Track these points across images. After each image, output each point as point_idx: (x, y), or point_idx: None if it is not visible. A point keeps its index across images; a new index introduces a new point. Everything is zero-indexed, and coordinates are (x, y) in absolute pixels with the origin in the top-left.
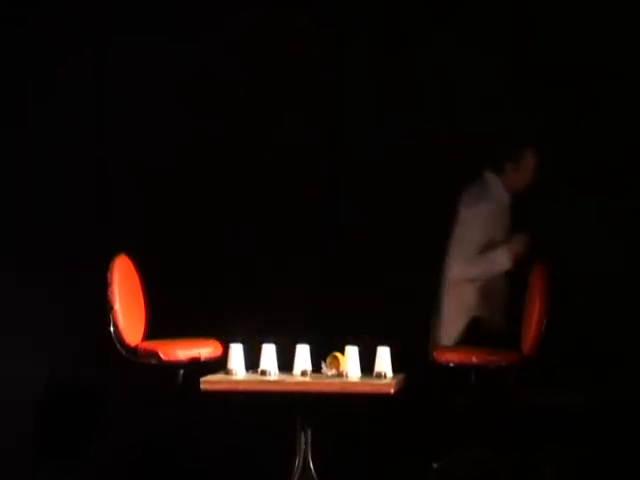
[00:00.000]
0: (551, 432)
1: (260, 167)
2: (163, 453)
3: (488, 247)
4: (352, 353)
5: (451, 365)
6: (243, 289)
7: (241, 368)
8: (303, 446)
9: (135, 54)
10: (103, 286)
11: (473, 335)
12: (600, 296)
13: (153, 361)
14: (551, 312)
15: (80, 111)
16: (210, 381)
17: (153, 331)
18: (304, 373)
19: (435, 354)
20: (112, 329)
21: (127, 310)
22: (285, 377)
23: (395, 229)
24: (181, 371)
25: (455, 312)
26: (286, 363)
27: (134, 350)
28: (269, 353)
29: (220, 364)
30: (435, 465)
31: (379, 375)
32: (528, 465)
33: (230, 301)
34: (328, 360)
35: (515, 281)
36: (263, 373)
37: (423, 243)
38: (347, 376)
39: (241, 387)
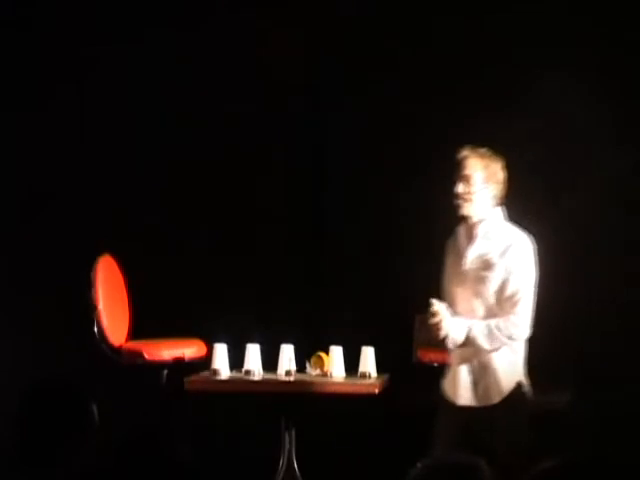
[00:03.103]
0: (538, 433)
1: (245, 169)
2: (146, 453)
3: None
4: (336, 353)
5: (435, 365)
6: (228, 289)
7: (225, 368)
8: (287, 446)
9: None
10: (87, 286)
11: None
12: (590, 296)
13: (137, 361)
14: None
15: (66, 111)
16: (194, 381)
17: (137, 331)
18: (288, 373)
19: (419, 354)
20: (96, 329)
21: (111, 310)
22: (269, 377)
23: (382, 229)
24: (165, 371)
25: None
26: (270, 363)
27: (118, 350)
28: (253, 353)
29: (204, 364)
30: (419, 465)
31: (363, 375)
32: (513, 466)
33: (214, 301)
34: (312, 360)
35: None
36: (247, 373)
37: (409, 243)
38: (331, 376)
39: (225, 387)
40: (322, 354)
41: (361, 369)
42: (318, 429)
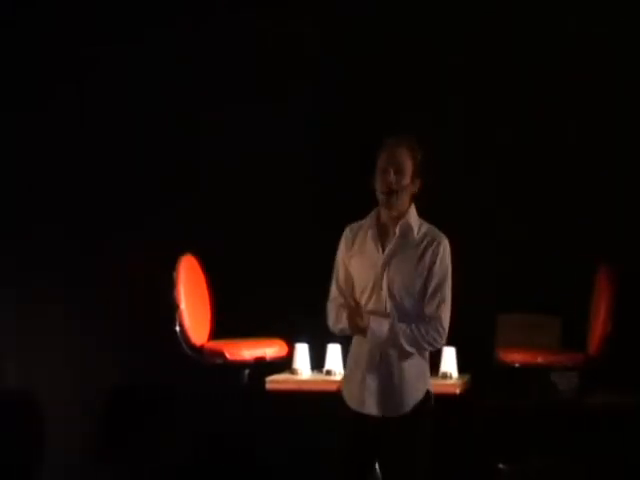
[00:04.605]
0: (618, 434)
1: (324, 172)
2: (228, 452)
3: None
4: None
5: (516, 365)
6: (309, 288)
7: (306, 368)
8: None
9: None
10: (169, 286)
11: None
12: None
13: (218, 361)
14: (618, 312)
15: (66, 111)
16: (275, 381)
17: (219, 330)
18: None
19: (501, 354)
20: (178, 329)
21: (193, 310)
22: None
23: (461, 228)
24: (246, 371)
25: None
26: None
27: (200, 350)
28: (335, 353)
29: (285, 364)
30: (501, 466)
31: (445, 375)
32: (595, 469)
33: (296, 301)
34: None
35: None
36: (328, 373)
37: (488, 242)
38: None
39: (306, 387)
40: None
41: (442, 369)
42: None
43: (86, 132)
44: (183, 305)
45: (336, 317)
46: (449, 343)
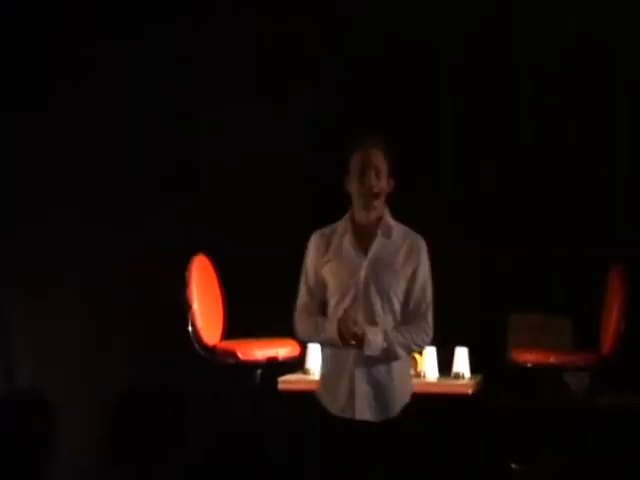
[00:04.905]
0: (630, 434)
1: (324, 172)
2: (240, 452)
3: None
4: (430, 353)
5: (528, 366)
6: None
7: (318, 368)
8: None
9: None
10: (182, 285)
11: None
12: None
13: (231, 361)
14: (630, 312)
15: (66, 111)
16: (287, 381)
17: (231, 331)
18: None
19: (513, 354)
20: (190, 329)
21: (205, 310)
22: None
23: (472, 229)
24: (259, 371)
25: None
26: None
27: (212, 350)
28: None
29: (298, 364)
30: (514, 466)
31: (457, 375)
32: (607, 469)
33: None
34: None
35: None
36: None
37: (500, 243)
38: (425, 376)
39: None
40: (415, 354)
41: (455, 369)
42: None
43: (86, 132)
44: (195, 305)
45: (315, 327)
46: (462, 343)
